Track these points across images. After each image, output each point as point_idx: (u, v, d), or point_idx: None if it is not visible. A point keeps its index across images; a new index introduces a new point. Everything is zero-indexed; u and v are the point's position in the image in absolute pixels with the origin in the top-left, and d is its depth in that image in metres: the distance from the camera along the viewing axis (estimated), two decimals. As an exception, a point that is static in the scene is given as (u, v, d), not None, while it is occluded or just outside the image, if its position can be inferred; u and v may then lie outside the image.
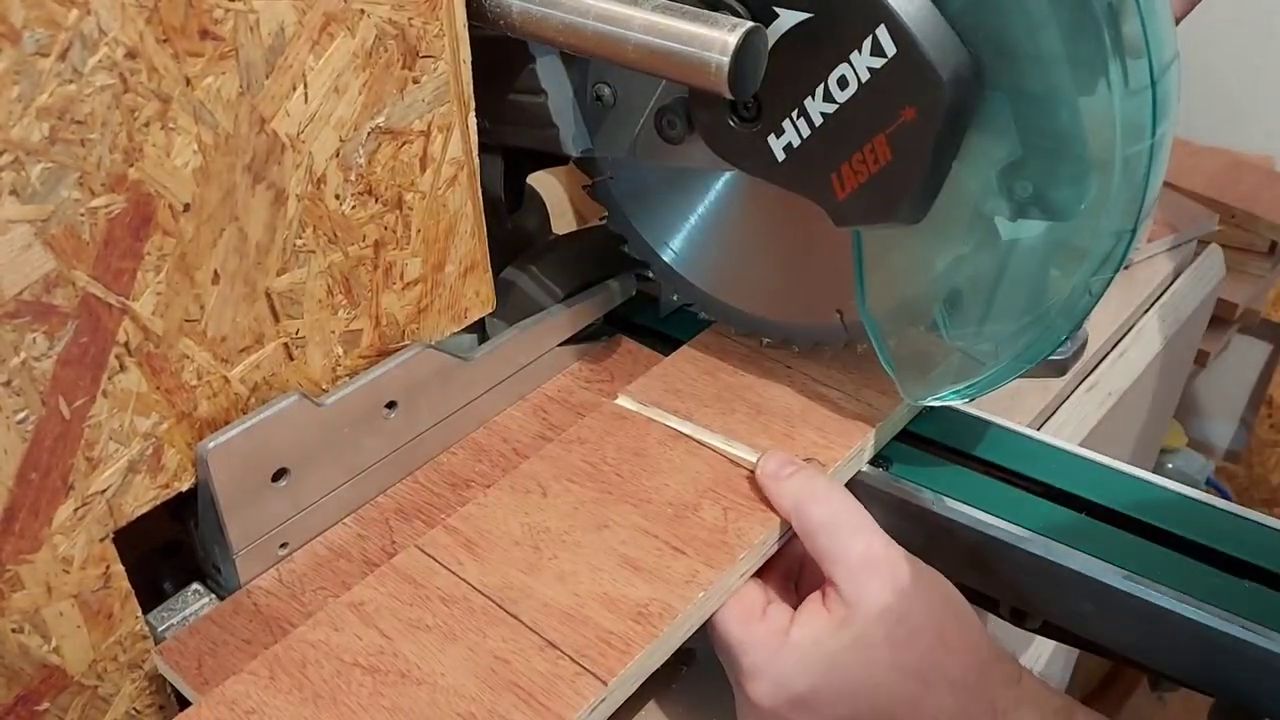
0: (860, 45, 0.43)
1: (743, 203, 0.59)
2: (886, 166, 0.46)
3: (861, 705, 0.45)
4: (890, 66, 0.43)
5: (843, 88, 0.45)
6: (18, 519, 0.40)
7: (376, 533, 0.53)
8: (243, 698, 0.43)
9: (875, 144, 0.45)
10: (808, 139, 0.47)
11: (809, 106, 0.46)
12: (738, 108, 0.49)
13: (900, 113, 0.44)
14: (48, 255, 0.37)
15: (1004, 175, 0.46)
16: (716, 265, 0.61)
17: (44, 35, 0.35)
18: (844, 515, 0.48)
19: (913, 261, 0.51)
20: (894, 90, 0.44)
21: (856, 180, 0.47)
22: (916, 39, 0.42)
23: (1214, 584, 0.49)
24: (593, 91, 0.55)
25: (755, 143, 0.49)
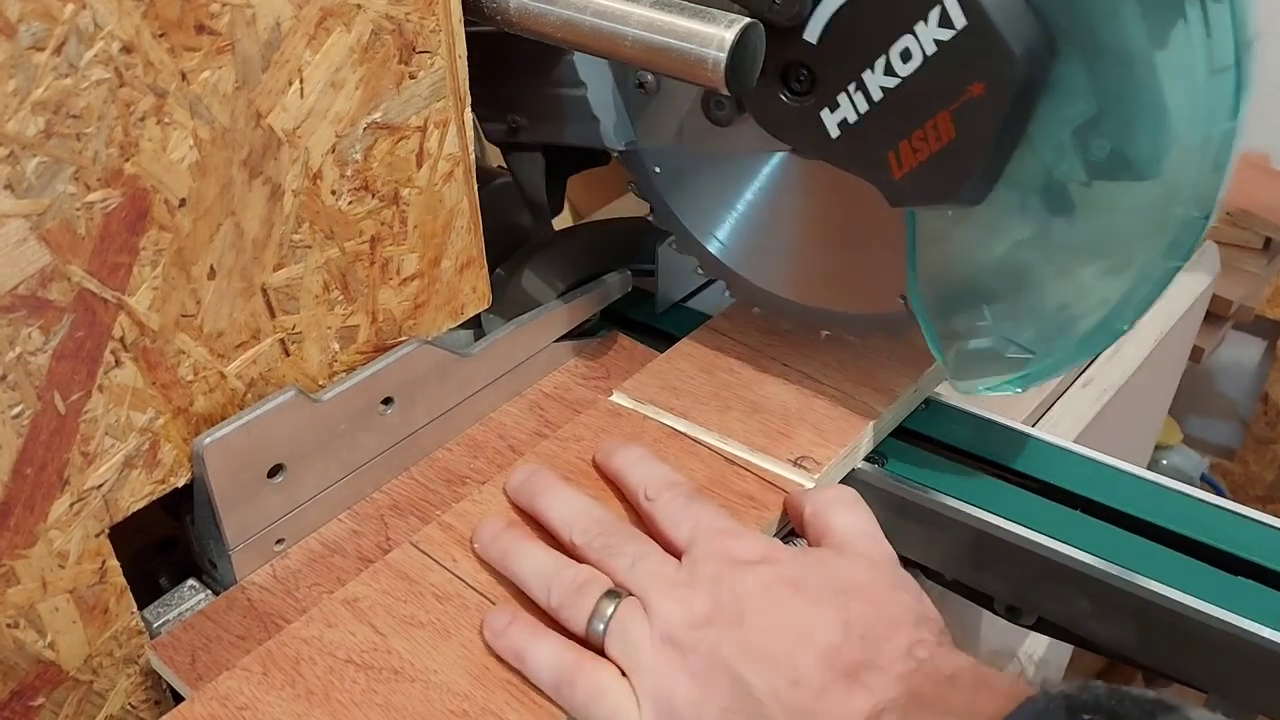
0: (926, 16, 0.41)
1: (793, 189, 0.57)
2: (949, 145, 0.43)
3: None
4: (958, 40, 0.41)
5: (905, 61, 0.43)
6: (13, 514, 0.40)
7: (372, 529, 0.53)
8: (235, 693, 0.43)
9: (938, 121, 0.43)
10: (865, 114, 0.45)
11: (868, 80, 0.44)
12: (789, 80, 0.47)
13: (967, 88, 0.42)
14: (43, 250, 0.37)
15: (1079, 134, 0.43)
16: (768, 256, 0.59)
17: (40, 29, 0.35)
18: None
19: (969, 244, 0.49)
20: (962, 65, 0.42)
21: (916, 159, 0.45)
22: (988, 10, 0.40)
23: (1208, 580, 0.49)
24: (634, 78, 0.53)
25: (808, 118, 0.47)
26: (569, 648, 0.43)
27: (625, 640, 0.42)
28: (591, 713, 0.42)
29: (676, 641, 0.41)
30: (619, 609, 0.43)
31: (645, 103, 0.54)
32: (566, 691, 0.42)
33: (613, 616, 0.43)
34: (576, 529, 0.47)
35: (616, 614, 0.43)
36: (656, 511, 0.47)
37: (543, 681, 0.43)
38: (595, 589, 0.44)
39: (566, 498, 0.49)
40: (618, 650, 0.42)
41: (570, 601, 0.44)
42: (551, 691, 0.42)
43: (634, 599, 0.43)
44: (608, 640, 0.43)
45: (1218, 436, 1.60)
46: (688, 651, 0.41)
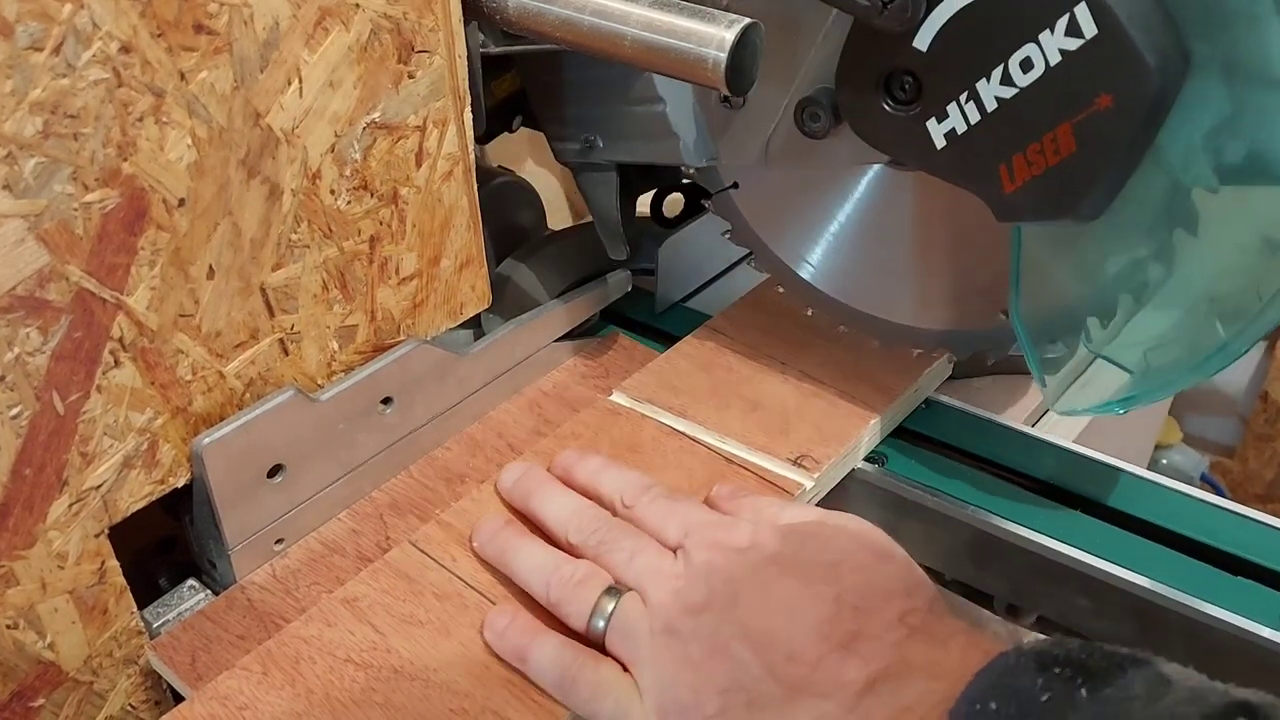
0: (1053, 24, 0.39)
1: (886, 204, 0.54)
2: (1068, 158, 0.41)
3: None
4: (1088, 49, 0.39)
5: (1026, 70, 0.41)
6: (12, 515, 0.40)
7: (371, 528, 0.52)
8: (235, 693, 0.43)
9: (1058, 133, 0.41)
10: (976, 125, 0.43)
11: (981, 90, 0.42)
12: (892, 88, 0.45)
13: (1094, 100, 0.39)
14: (41, 250, 0.37)
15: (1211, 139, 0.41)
16: (859, 275, 0.56)
17: (37, 29, 0.35)
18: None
19: (1081, 262, 0.47)
20: (1089, 75, 0.39)
21: (1030, 172, 0.42)
22: (1121, 19, 0.38)
23: (1208, 580, 0.49)
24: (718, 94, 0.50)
25: (911, 127, 0.45)
26: (570, 646, 0.43)
27: (626, 635, 0.42)
28: (595, 710, 0.42)
29: (675, 631, 0.41)
30: (620, 605, 0.43)
31: (729, 118, 0.52)
32: (570, 690, 0.42)
33: (614, 613, 0.43)
34: (572, 527, 0.47)
35: (618, 609, 0.43)
36: (639, 516, 0.47)
37: (545, 681, 0.43)
38: (595, 585, 0.44)
39: (560, 497, 0.49)
40: (619, 645, 0.43)
41: (570, 597, 0.44)
42: (555, 690, 0.42)
43: (634, 594, 0.43)
44: (609, 636, 0.43)
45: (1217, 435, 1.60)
46: (687, 639, 0.41)
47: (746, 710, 0.39)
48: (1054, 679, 0.32)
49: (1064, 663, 0.33)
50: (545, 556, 0.46)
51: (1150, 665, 0.33)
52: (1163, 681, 0.32)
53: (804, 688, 0.39)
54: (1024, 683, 0.33)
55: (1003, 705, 0.32)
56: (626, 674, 0.42)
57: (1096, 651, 0.33)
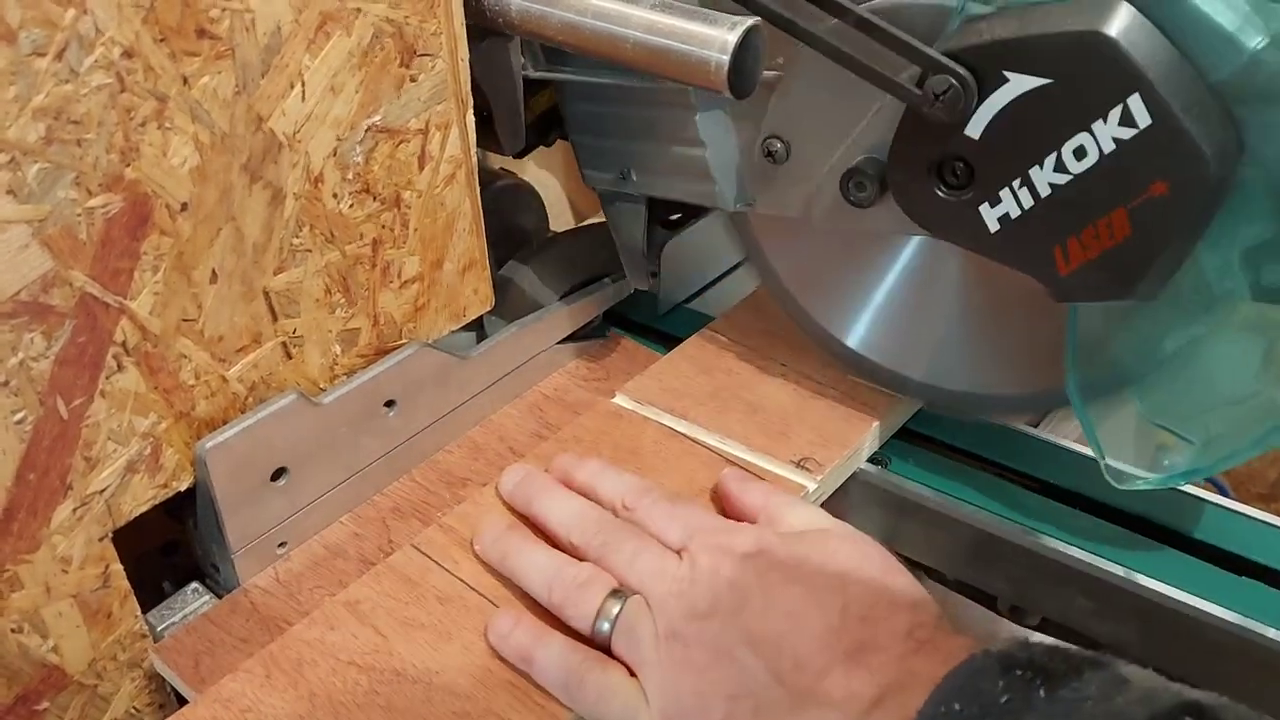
0: (1106, 114, 0.40)
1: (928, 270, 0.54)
2: (1123, 242, 0.42)
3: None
4: (1142, 138, 0.39)
5: (1079, 158, 0.41)
6: (16, 519, 0.40)
7: (373, 531, 0.53)
8: (238, 696, 0.43)
9: (1113, 218, 0.41)
10: (1030, 210, 0.43)
11: (1035, 176, 0.42)
12: (944, 174, 0.45)
13: (1149, 187, 0.40)
14: (45, 255, 0.37)
15: (1250, 256, 0.42)
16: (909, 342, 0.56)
17: (40, 35, 0.35)
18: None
19: (1137, 338, 0.47)
20: (1144, 163, 0.40)
21: (1085, 255, 0.43)
22: (1174, 110, 0.38)
23: (1211, 580, 0.49)
24: (763, 146, 0.51)
25: (963, 211, 0.45)
26: (576, 649, 0.43)
27: (631, 638, 0.42)
28: (602, 713, 0.42)
29: (680, 635, 0.41)
30: (625, 607, 0.43)
31: (772, 173, 0.52)
32: (576, 692, 0.42)
33: (619, 615, 0.43)
34: (575, 530, 0.47)
35: (623, 613, 0.43)
36: (640, 518, 0.47)
37: (551, 683, 0.43)
38: (599, 587, 0.44)
39: (563, 499, 0.49)
40: (624, 648, 0.43)
41: (573, 599, 0.44)
42: (560, 692, 0.43)
43: (638, 597, 0.43)
44: (614, 639, 0.43)
45: (1221, 434, 1.60)
46: (691, 644, 0.41)
47: (753, 716, 0.39)
48: (1015, 680, 0.33)
49: (1026, 665, 0.34)
50: (548, 559, 0.46)
51: (1109, 667, 0.34)
52: (1119, 682, 0.33)
53: (811, 697, 0.39)
54: (986, 684, 0.33)
55: (965, 706, 0.33)
56: (633, 678, 0.42)
57: (1059, 654, 0.34)
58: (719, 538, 0.45)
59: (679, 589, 0.43)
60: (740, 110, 0.52)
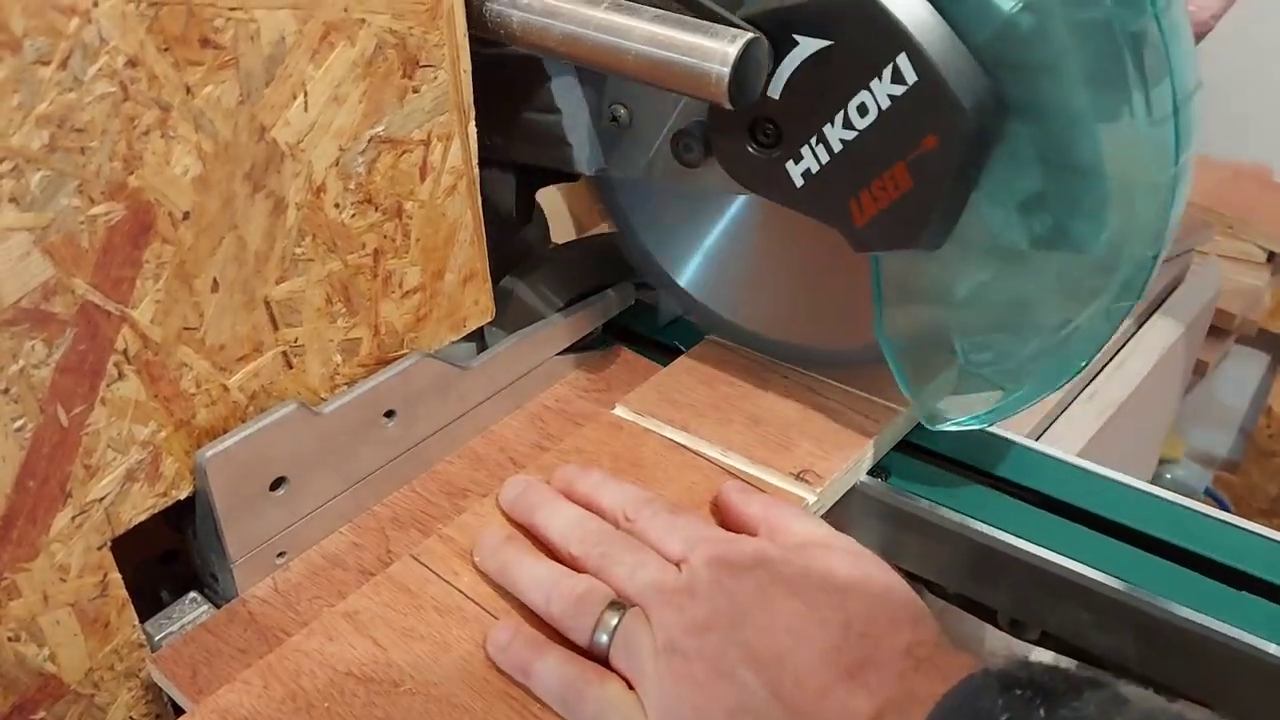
0: (880, 73, 0.43)
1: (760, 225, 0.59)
2: (906, 194, 0.45)
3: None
4: (911, 94, 0.43)
5: (863, 115, 0.45)
6: (15, 527, 0.40)
7: (373, 542, 0.52)
8: (236, 706, 0.42)
9: (895, 171, 0.45)
10: (826, 165, 0.47)
11: (828, 133, 0.46)
12: (756, 134, 0.49)
13: (921, 140, 0.44)
14: (46, 263, 0.37)
15: (1025, 208, 0.46)
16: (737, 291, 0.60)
17: (45, 43, 0.35)
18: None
19: (932, 286, 0.51)
20: (915, 118, 0.43)
21: (876, 207, 0.46)
22: (938, 67, 0.42)
23: (1212, 595, 0.49)
24: (608, 112, 0.54)
25: (774, 169, 0.49)
26: (575, 662, 0.43)
27: (630, 651, 0.42)
28: None
29: (679, 649, 0.41)
30: (623, 620, 0.43)
31: (618, 136, 0.55)
32: (575, 705, 0.42)
33: (617, 628, 0.43)
34: (574, 541, 0.47)
35: (621, 625, 0.43)
36: (641, 530, 0.47)
37: (549, 696, 0.43)
38: (597, 599, 0.44)
39: (564, 511, 0.49)
40: (622, 661, 0.42)
41: (572, 612, 0.44)
42: (559, 706, 0.42)
43: (637, 609, 0.43)
44: (613, 652, 0.43)
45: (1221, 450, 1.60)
46: (691, 658, 0.41)
47: None
48: (1014, 700, 0.33)
49: (1025, 685, 0.34)
50: (547, 571, 0.46)
51: (1108, 688, 0.34)
52: (1118, 702, 0.33)
53: (809, 715, 0.38)
54: (986, 704, 0.34)
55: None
56: (631, 690, 0.42)
57: (1059, 675, 0.34)
58: (719, 549, 0.45)
59: (678, 601, 0.43)
60: (587, 77, 0.54)
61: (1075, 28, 0.41)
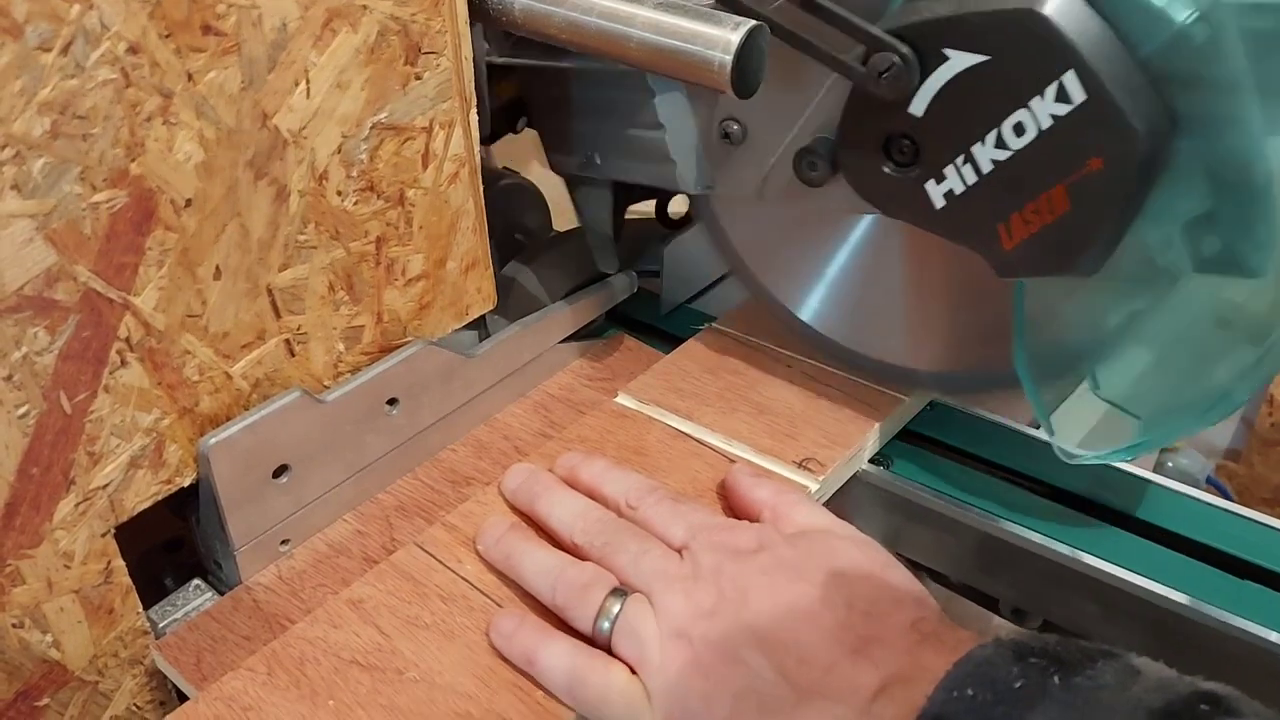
0: (1043, 91, 0.41)
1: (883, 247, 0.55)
2: (1063, 217, 0.43)
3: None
4: (1077, 114, 0.40)
5: (1019, 134, 0.42)
6: (19, 514, 0.40)
7: (377, 529, 0.52)
8: (240, 694, 0.43)
9: (1052, 194, 0.42)
10: (973, 186, 0.44)
11: (977, 153, 0.43)
12: (892, 151, 0.46)
13: (1085, 162, 0.41)
14: (49, 250, 0.37)
15: (1190, 229, 0.43)
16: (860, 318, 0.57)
17: (47, 29, 0.35)
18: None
19: (1081, 314, 0.48)
20: (1080, 139, 0.41)
21: (1027, 230, 0.44)
22: (1109, 86, 0.39)
23: (1214, 584, 0.49)
24: (720, 128, 0.52)
25: (910, 188, 0.46)
26: (579, 649, 0.43)
27: (633, 638, 0.42)
28: (604, 714, 0.42)
29: (684, 635, 0.41)
30: (625, 606, 0.43)
31: (728, 153, 0.53)
32: (579, 692, 0.42)
33: (619, 615, 0.43)
34: (578, 529, 0.47)
35: (623, 612, 0.43)
36: (644, 518, 0.47)
37: (554, 683, 0.43)
38: (601, 587, 0.44)
39: (567, 499, 0.49)
40: (626, 648, 0.42)
41: (576, 600, 0.44)
42: (563, 693, 0.42)
43: (640, 596, 0.43)
44: (615, 638, 0.43)
45: (1222, 438, 1.60)
46: (696, 643, 0.41)
47: (758, 713, 0.39)
48: (1029, 668, 0.33)
49: (1039, 654, 0.34)
50: (551, 560, 0.46)
51: (1122, 658, 0.34)
52: (1133, 672, 0.33)
53: (817, 691, 0.39)
54: (1000, 672, 0.34)
55: (979, 692, 0.33)
56: (635, 677, 0.42)
57: (1071, 645, 0.34)
58: (721, 535, 0.45)
59: (683, 587, 0.43)
60: (698, 93, 0.52)
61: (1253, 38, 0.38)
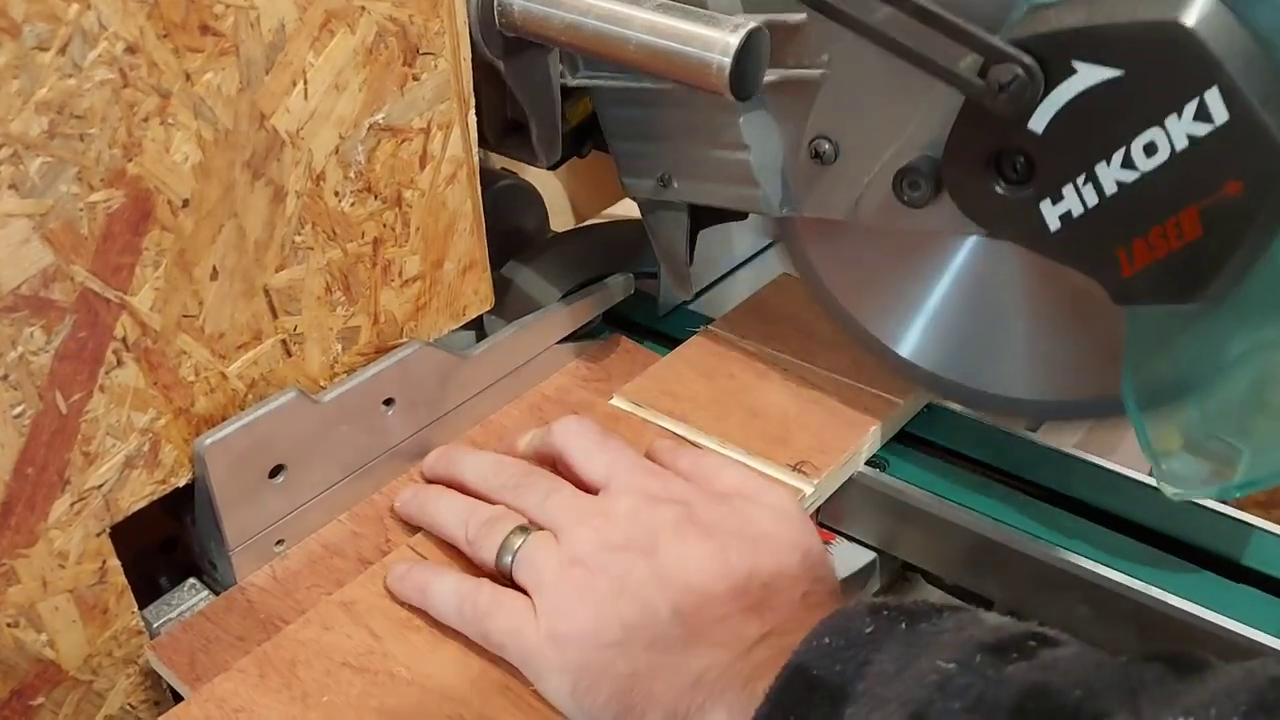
0: (1181, 109, 0.38)
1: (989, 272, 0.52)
2: (1192, 243, 0.40)
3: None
4: (1218, 135, 0.37)
5: (1150, 155, 0.39)
6: (14, 514, 0.40)
7: (371, 530, 0.52)
8: (232, 695, 0.43)
9: (1182, 218, 0.40)
10: (1094, 208, 0.41)
11: (1100, 173, 0.40)
12: (1003, 169, 0.43)
13: (1222, 185, 0.38)
14: (46, 250, 0.37)
15: None
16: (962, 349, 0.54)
17: (44, 29, 0.35)
18: None
19: (1200, 343, 0.45)
20: (1219, 161, 0.38)
21: (1151, 256, 0.41)
22: (1255, 105, 0.36)
23: (1210, 587, 0.49)
24: (810, 148, 0.49)
25: (1024, 208, 0.43)
26: (470, 578, 0.45)
27: (531, 565, 0.43)
28: (487, 628, 0.43)
29: (584, 562, 0.43)
30: (528, 540, 0.44)
31: (819, 173, 0.50)
32: (469, 612, 0.43)
33: (521, 547, 0.44)
34: (491, 476, 0.49)
35: (525, 544, 0.44)
36: (570, 448, 0.48)
37: (446, 611, 0.44)
38: (507, 522, 0.45)
39: (480, 456, 0.51)
40: (524, 575, 0.44)
41: (482, 535, 0.45)
42: (454, 617, 0.44)
43: (545, 532, 0.45)
44: (515, 569, 0.44)
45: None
46: (596, 571, 0.42)
47: (645, 649, 0.40)
48: (880, 619, 0.36)
49: (893, 609, 0.37)
50: (461, 504, 0.48)
51: (971, 612, 0.37)
52: (974, 619, 0.36)
53: (705, 636, 0.40)
54: (855, 623, 0.36)
55: (834, 639, 0.36)
56: (526, 596, 0.43)
57: (927, 604, 0.37)
58: (642, 480, 0.46)
59: (593, 522, 0.44)
60: (784, 111, 0.50)
61: None
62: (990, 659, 0.33)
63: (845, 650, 0.35)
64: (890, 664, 0.34)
